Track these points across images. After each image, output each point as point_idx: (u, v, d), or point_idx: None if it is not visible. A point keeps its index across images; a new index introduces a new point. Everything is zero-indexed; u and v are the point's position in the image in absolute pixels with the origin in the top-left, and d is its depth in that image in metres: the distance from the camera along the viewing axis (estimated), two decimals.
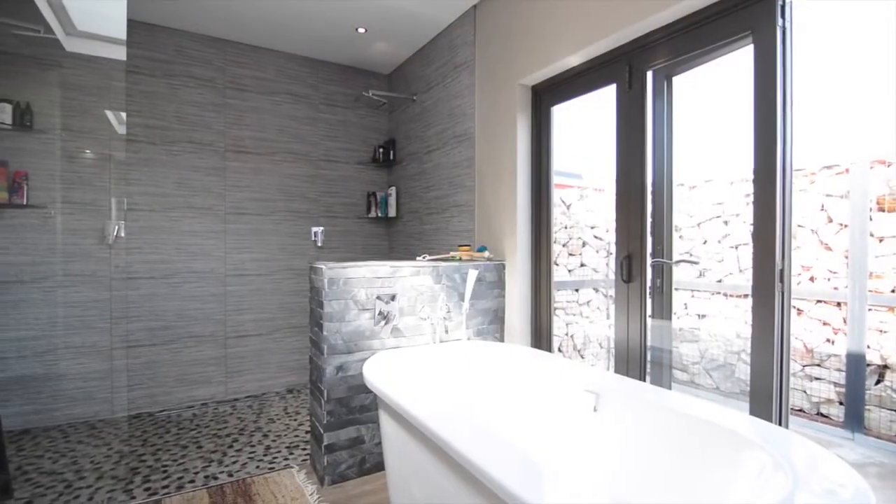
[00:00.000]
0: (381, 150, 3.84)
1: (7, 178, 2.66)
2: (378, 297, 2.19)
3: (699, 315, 3.84)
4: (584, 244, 4.15)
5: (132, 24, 3.01)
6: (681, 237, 4.00)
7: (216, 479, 2.20)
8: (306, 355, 3.63)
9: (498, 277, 2.56)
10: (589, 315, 4.15)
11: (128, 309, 3.04)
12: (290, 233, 3.59)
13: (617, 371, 2.10)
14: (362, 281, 2.15)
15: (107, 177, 2.98)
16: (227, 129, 3.36)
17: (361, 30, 3.19)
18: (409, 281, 2.28)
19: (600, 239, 4.21)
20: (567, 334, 4.04)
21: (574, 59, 2.22)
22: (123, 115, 3.02)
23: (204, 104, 3.28)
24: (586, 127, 3.41)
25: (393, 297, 2.22)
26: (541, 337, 2.54)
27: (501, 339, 2.59)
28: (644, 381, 2.00)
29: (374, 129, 3.96)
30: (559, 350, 3.98)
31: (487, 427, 1.23)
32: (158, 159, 3.14)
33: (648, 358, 2.04)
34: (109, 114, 2.99)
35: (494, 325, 2.56)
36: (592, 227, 4.20)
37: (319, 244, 3.68)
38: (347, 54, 3.61)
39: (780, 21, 1.55)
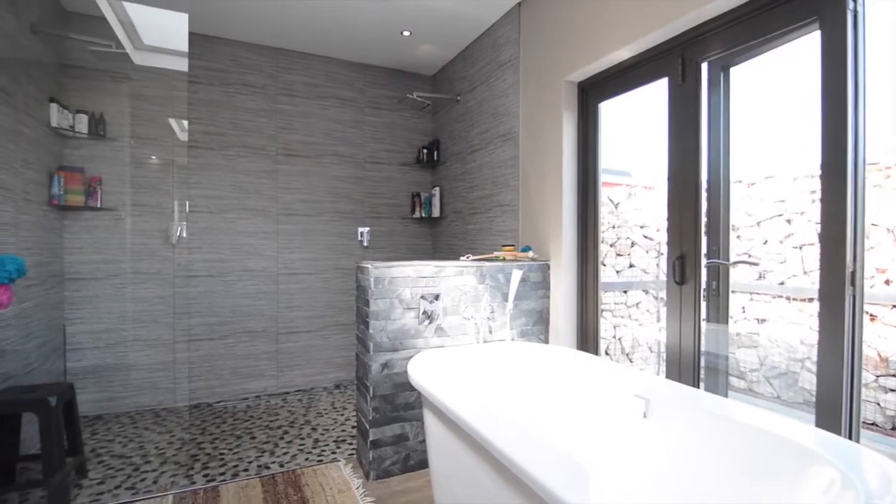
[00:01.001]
0: (424, 150, 3.88)
1: (84, 184, 2.89)
2: (422, 297, 2.21)
3: (759, 319, 3.62)
4: (632, 244, 4.02)
5: (192, 36, 3.19)
6: (738, 237, 3.79)
7: (268, 468, 2.30)
8: (353, 352, 3.72)
9: (542, 278, 2.53)
10: (638, 317, 4.01)
11: (188, 305, 3.23)
12: (337, 233, 3.69)
13: (668, 376, 2.02)
14: (407, 280, 2.18)
15: (170, 181, 3.18)
16: (278, 134, 3.50)
17: (406, 32, 3.23)
18: (453, 281, 2.29)
19: (650, 239, 4.07)
20: (615, 337, 3.93)
21: (623, 53, 2.16)
22: (185, 122, 3.22)
23: (257, 110, 3.43)
24: (635, 123, 3.30)
25: (437, 297, 2.23)
26: (587, 339, 2.48)
27: (546, 341, 2.55)
28: (698, 387, 1.91)
29: (418, 130, 4.00)
30: (606, 353, 3.87)
31: (531, 429, 1.22)
32: (216, 163, 3.32)
33: (702, 364, 1.95)
34: (173, 122, 3.19)
35: (539, 326, 2.53)
36: (642, 227, 4.06)
37: (365, 244, 3.77)
38: (392, 57, 3.67)
39: (850, 5, 1.44)
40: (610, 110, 2.47)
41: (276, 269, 3.50)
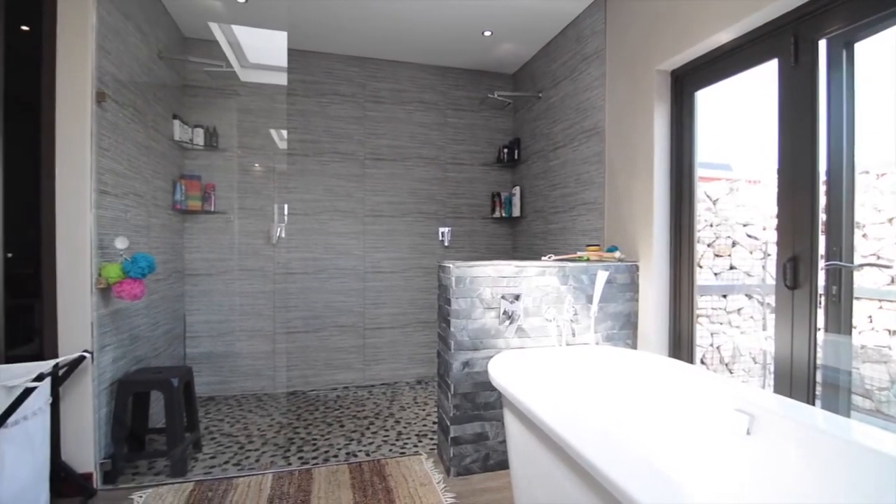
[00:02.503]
0: (505, 150, 3.86)
1: (200, 190, 3.26)
2: (503, 297, 2.20)
3: (890, 331, 3.14)
4: (734, 244, 3.68)
5: (290, 52, 3.46)
6: (864, 236, 3.32)
7: (355, 456, 2.43)
8: (434, 349, 3.81)
9: (630, 279, 2.40)
10: (739, 325, 3.66)
11: (287, 300, 3.52)
12: (420, 233, 3.80)
13: (777, 391, 1.82)
14: (487, 280, 2.19)
15: (271, 186, 3.48)
16: (367, 139, 3.68)
17: (487, 32, 3.24)
18: (534, 281, 2.25)
19: (755, 238, 3.69)
20: (712, 345, 3.62)
21: (724, 36, 1.98)
22: (284, 132, 3.50)
23: (347, 118, 3.64)
24: (737, 111, 3.02)
25: (517, 297, 2.21)
26: (680, 346, 2.32)
27: (634, 346, 2.42)
28: (813, 405, 1.71)
29: (499, 129, 3.99)
30: (702, 362, 3.59)
31: (620, 438, 1.16)
32: (310, 169, 3.57)
33: (819, 379, 1.73)
34: (273, 132, 3.48)
35: (626, 330, 2.41)
36: (745, 225, 3.70)
37: (446, 244, 3.84)
38: (473, 58, 3.70)
39: None
40: (708, 99, 2.28)
41: (364, 268, 3.68)
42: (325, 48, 3.52)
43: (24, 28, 1.96)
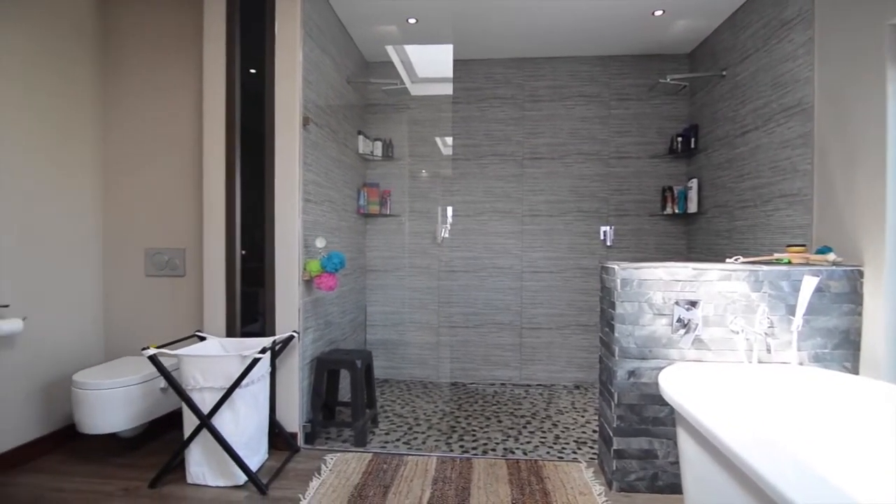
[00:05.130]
0: (679, 139, 3.48)
1: (378, 196, 3.67)
2: (676, 303, 1.99)
3: None
4: None
5: (454, 63, 3.67)
6: None
7: (513, 453, 2.46)
8: (593, 354, 3.64)
9: (850, 288, 1.95)
10: None
11: (449, 296, 3.74)
12: (579, 232, 3.67)
13: None
14: (658, 283, 2.00)
15: (437, 190, 3.74)
16: (525, 139, 3.69)
17: (658, 12, 2.96)
18: (717, 286, 1.98)
19: None
20: None
21: None
22: (449, 139, 3.73)
23: (506, 120, 3.70)
24: None
25: (694, 304, 1.98)
26: None
27: (854, 371, 1.96)
28: None
29: (671, 117, 3.61)
30: None
31: (832, 479, 0.96)
32: (471, 172, 3.73)
33: None
34: (438, 140, 3.74)
35: (843, 350, 1.96)
36: None
37: (609, 243, 3.62)
38: (640, 43, 3.42)
39: None
40: None
41: (521, 267, 3.70)
42: (485, 55, 3.64)
43: (252, 71, 2.46)
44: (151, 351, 2.00)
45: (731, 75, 2.96)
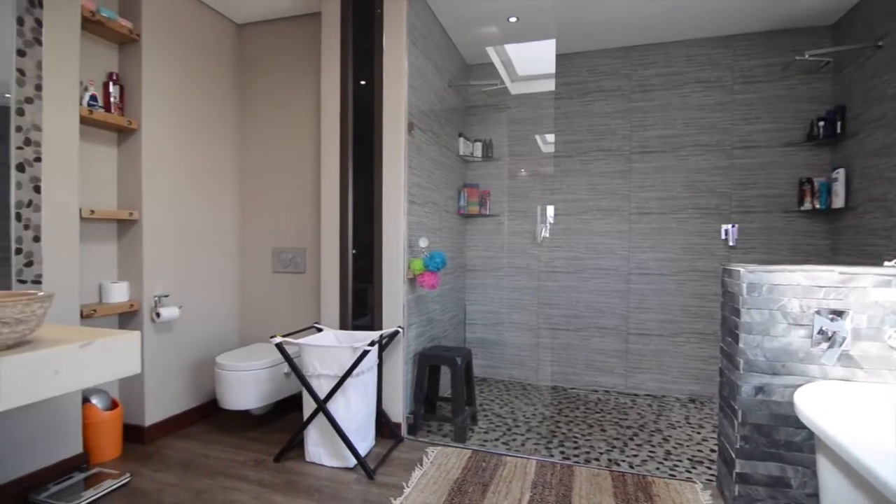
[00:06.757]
0: (820, 123, 3.02)
1: (478, 196, 3.71)
2: (817, 312, 1.74)
3: None
4: None
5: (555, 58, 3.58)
6: None
7: (618, 465, 2.34)
8: (710, 365, 3.31)
9: None
10: None
11: (549, 297, 3.66)
12: (695, 231, 3.36)
13: None
14: (795, 289, 1.76)
15: (537, 189, 3.68)
16: (633, 133, 3.48)
17: None
18: (871, 294, 1.69)
19: None
20: None
21: None
22: (549, 136, 3.65)
23: (612, 113, 3.52)
24: None
25: (839, 314, 1.71)
26: None
27: None
28: None
29: (811, 98, 3.15)
30: None
31: None
32: (574, 169, 3.60)
33: None
34: (538, 137, 3.67)
35: None
36: None
37: (731, 244, 3.27)
38: (771, 16, 3.03)
39: None
40: None
41: (628, 269, 3.49)
42: (589, 47, 3.49)
43: (362, 83, 2.63)
44: (278, 339, 2.24)
45: (890, 45, 2.50)
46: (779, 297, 1.78)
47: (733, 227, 3.26)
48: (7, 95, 1.81)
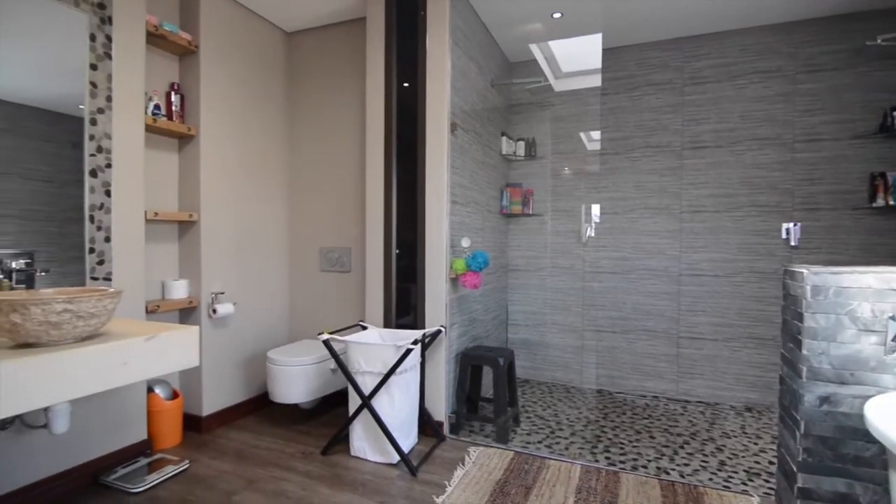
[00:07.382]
0: (894, 113, 2.78)
1: (521, 196, 3.67)
2: (892, 318, 1.60)
3: None
4: None
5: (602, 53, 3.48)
6: None
7: (667, 473, 2.25)
8: (769, 372, 3.12)
9: None
10: None
11: (595, 298, 3.57)
12: (753, 230, 3.18)
13: None
14: (866, 293, 1.63)
15: (581, 187, 3.60)
16: (684, 128, 3.33)
17: None
18: None
19: None
20: None
21: None
22: (595, 133, 3.55)
23: (661, 108, 3.38)
24: None
25: None
26: None
27: None
28: None
29: (884, 87, 2.90)
30: None
31: None
32: (620, 167, 3.49)
33: None
34: (582, 135, 3.59)
35: None
36: None
37: (793, 243, 3.07)
38: (835, 1, 2.81)
39: None
40: None
41: (678, 270, 3.35)
42: (637, 40, 3.38)
43: (405, 85, 2.66)
44: (325, 336, 2.31)
45: None
46: (847, 300, 1.66)
47: (795, 225, 3.06)
48: (81, 107, 1.96)
